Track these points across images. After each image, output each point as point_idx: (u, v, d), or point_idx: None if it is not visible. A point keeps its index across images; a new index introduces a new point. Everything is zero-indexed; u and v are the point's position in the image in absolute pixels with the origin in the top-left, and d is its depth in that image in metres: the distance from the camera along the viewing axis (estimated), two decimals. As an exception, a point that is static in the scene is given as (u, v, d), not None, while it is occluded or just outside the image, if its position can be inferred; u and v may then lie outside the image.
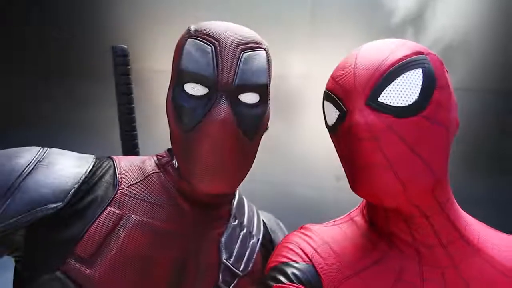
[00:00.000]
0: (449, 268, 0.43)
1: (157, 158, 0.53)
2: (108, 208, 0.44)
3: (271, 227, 0.62)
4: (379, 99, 0.38)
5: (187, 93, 0.44)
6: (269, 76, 0.49)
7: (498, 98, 1.94)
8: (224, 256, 0.50)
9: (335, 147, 0.47)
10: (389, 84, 0.38)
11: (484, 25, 1.90)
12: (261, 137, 0.51)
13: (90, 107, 2.30)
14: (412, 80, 0.38)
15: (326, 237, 0.48)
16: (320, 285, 0.44)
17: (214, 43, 0.44)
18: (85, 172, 0.46)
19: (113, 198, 0.45)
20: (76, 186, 0.44)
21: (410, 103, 0.37)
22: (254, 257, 0.54)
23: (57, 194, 0.42)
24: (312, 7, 2.02)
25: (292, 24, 2.05)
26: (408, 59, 0.39)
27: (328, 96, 0.44)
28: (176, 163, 0.50)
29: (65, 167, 0.45)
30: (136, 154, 0.67)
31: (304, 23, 2.03)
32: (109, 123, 2.31)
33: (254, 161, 0.51)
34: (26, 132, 2.31)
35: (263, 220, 0.62)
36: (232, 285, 0.50)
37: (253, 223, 0.58)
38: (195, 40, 0.45)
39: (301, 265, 0.45)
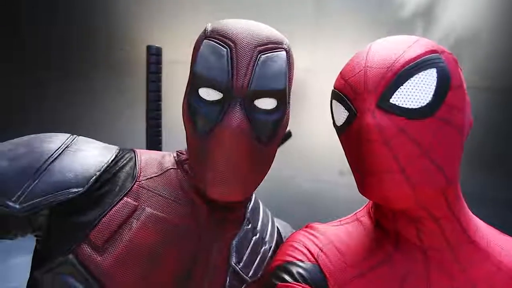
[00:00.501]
0: (456, 271, 0.42)
1: (177, 155, 0.53)
2: (125, 198, 0.45)
3: (285, 236, 0.60)
4: (391, 101, 0.36)
5: (201, 98, 0.43)
6: (290, 77, 0.47)
7: (505, 95, 1.91)
8: (233, 260, 0.49)
9: (343, 147, 0.46)
10: (402, 85, 0.36)
11: (495, 21, 1.86)
12: (279, 142, 0.50)
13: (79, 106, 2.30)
14: (425, 81, 0.36)
15: (332, 236, 0.48)
16: (325, 285, 0.43)
17: (230, 45, 0.42)
18: (108, 162, 0.47)
19: (131, 189, 0.46)
20: (98, 173, 0.45)
21: (423, 104, 0.36)
22: (264, 264, 0.52)
23: (79, 179, 0.43)
24: (317, 1, 1.99)
25: (296, 17, 2.02)
26: (422, 58, 0.37)
27: (337, 95, 0.42)
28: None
29: (90, 155, 0.46)
30: (159, 150, 0.71)
31: (309, 16, 2.01)
32: (95, 121, 2.31)
33: None
34: (26, 124, 2.32)
35: (277, 227, 0.60)
36: None
37: (267, 229, 0.57)
38: (211, 41, 0.43)
39: (306, 264, 0.45)
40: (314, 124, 2.12)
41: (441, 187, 0.37)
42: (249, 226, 0.53)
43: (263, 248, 0.54)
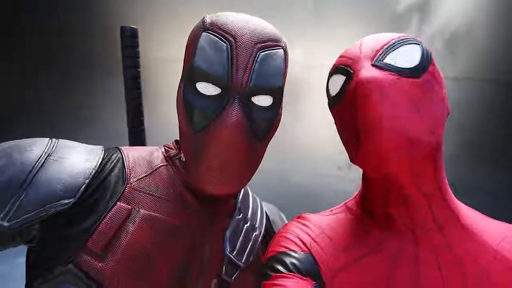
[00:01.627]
0: (444, 251, 0.44)
1: (165, 150, 0.53)
2: (118, 203, 0.44)
3: (273, 220, 0.63)
4: (384, 60, 0.41)
5: (199, 92, 0.43)
6: (285, 75, 0.48)
7: (502, 87, 1.91)
8: (227, 249, 0.50)
9: (336, 122, 0.48)
10: (394, 50, 0.41)
11: (490, 15, 1.86)
12: (273, 136, 0.50)
13: (96, 97, 2.31)
14: (413, 50, 0.41)
15: (324, 226, 0.49)
16: (318, 274, 0.44)
17: (230, 40, 0.42)
18: (95, 167, 0.45)
19: (123, 192, 0.45)
20: (87, 181, 0.44)
21: (412, 65, 0.40)
22: (255, 250, 0.54)
23: (69, 190, 0.42)
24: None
25: (295, 12, 2.02)
26: (408, 36, 0.43)
27: (334, 70, 0.46)
28: (184, 157, 0.50)
29: (76, 161, 0.45)
30: (143, 141, 0.65)
31: (307, 11, 2.01)
32: (96, 112, 2.32)
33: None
34: (29, 122, 2.33)
35: (266, 213, 0.62)
36: (234, 276, 0.50)
37: (257, 216, 0.58)
38: (210, 35, 0.42)
39: (299, 254, 0.46)
40: (313, 119, 2.13)
41: (430, 145, 0.39)
42: (240, 216, 0.54)
43: (254, 234, 0.55)
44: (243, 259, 0.52)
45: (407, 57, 0.41)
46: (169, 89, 2.07)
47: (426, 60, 0.41)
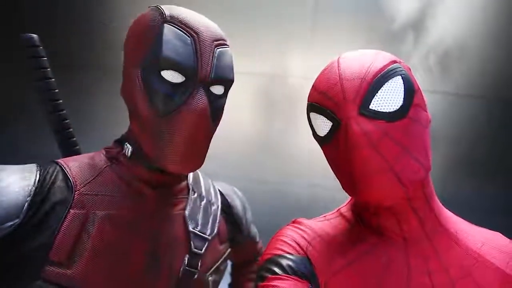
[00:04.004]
0: (433, 257, 0.45)
1: (106, 152, 0.54)
2: (71, 210, 0.45)
3: (226, 193, 0.68)
4: (370, 107, 0.41)
5: (164, 79, 0.45)
6: None
7: (492, 103, 1.97)
8: (191, 226, 0.55)
9: (326, 156, 0.48)
10: (377, 92, 0.41)
11: (483, 32, 1.93)
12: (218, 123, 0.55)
13: (78, 98, 2.31)
14: (395, 87, 0.41)
15: (318, 230, 0.51)
16: (314, 276, 0.46)
17: (193, 35, 0.46)
18: (34, 183, 0.45)
19: (73, 200, 0.46)
20: (28, 199, 0.43)
21: (398, 107, 0.41)
22: (217, 221, 0.60)
23: (10, 212, 0.41)
24: (312, 10, 2.04)
25: (292, 27, 2.07)
26: (388, 68, 0.42)
27: (316, 108, 0.45)
28: (129, 151, 0.51)
29: (11, 182, 0.43)
30: (77, 151, 0.61)
31: (305, 26, 2.06)
32: (95, 114, 2.32)
33: (252, 159, 0.57)
34: (29, 122, 2.32)
35: (218, 189, 0.67)
36: (204, 248, 0.55)
37: (211, 192, 0.63)
38: (172, 27, 0.45)
39: (295, 257, 0.47)
40: (308, 130, 2.16)
41: (422, 177, 0.41)
42: (195, 195, 0.59)
43: (213, 208, 0.61)
44: (208, 231, 0.57)
45: (392, 98, 0.40)
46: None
47: (409, 93, 0.41)
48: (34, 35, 0.54)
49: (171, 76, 0.45)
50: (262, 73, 2.13)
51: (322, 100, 0.44)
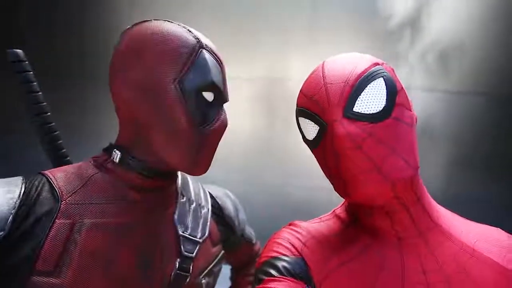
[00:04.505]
0: (427, 256, 0.46)
1: (94, 160, 0.55)
2: (56, 221, 0.46)
3: (217, 196, 0.69)
4: (354, 109, 0.42)
5: (204, 98, 0.51)
6: None
7: (492, 101, 1.96)
8: (180, 230, 0.56)
9: (317, 159, 0.49)
10: (360, 95, 0.42)
11: (480, 29, 1.93)
12: None
13: (73, 113, 2.33)
14: (378, 88, 0.42)
15: (314, 232, 0.51)
16: (309, 276, 0.46)
17: (222, 65, 0.55)
18: (19, 196, 0.46)
19: (59, 210, 0.46)
20: (13, 211, 0.44)
21: (381, 108, 0.41)
22: (208, 224, 0.61)
23: None
24: (309, 12, 2.05)
25: (291, 29, 2.08)
26: (369, 71, 0.43)
27: (304, 113, 0.47)
28: (117, 157, 0.52)
29: None
30: (68, 162, 0.62)
31: (303, 28, 2.07)
32: (89, 127, 2.34)
33: (252, 162, 0.59)
34: (21, 136, 2.34)
35: (209, 192, 0.69)
36: (195, 251, 0.56)
37: (200, 196, 0.65)
38: (210, 55, 0.52)
39: (291, 258, 0.47)
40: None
41: (410, 176, 0.41)
42: (184, 199, 0.61)
43: (203, 211, 0.62)
44: (199, 234, 0.58)
45: (374, 99, 0.42)
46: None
47: (391, 93, 0.42)
48: (19, 51, 0.56)
49: (208, 95, 0.51)
50: (261, 77, 2.14)
51: (308, 104, 0.46)
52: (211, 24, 2.14)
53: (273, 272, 0.46)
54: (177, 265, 0.54)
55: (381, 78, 0.43)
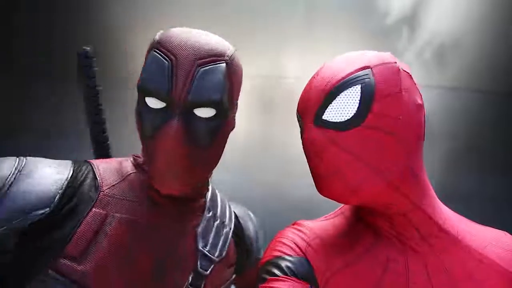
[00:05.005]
0: (431, 258, 0.45)
1: (134, 159, 0.57)
2: (93, 209, 0.47)
3: (241, 216, 0.68)
4: (323, 117, 0.43)
5: (148, 105, 0.47)
6: (232, 86, 0.50)
7: (488, 98, 1.97)
8: (200, 245, 0.55)
9: None
10: (330, 103, 0.42)
11: (478, 25, 1.93)
12: (223, 142, 0.53)
13: (70, 111, 2.32)
14: (350, 97, 0.42)
15: (318, 231, 0.51)
16: (313, 276, 0.46)
17: (171, 58, 0.45)
18: (67, 178, 0.48)
19: (97, 199, 0.48)
20: (60, 191, 0.46)
21: (349, 117, 0.41)
22: (227, 244, 0.59)
23: (43, 200, 0.44)
24: (306, 10, 2.05)
25: (286, 26, 2.07)
26: (349, 77, 0.42)
27: (296, 114, 0.50)
28: None
29: (47, 174, 0.47)
30: (109, 156, 0.67)
31: (299, 25, 2.06)
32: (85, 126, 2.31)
33: (249, 161, 0.57)
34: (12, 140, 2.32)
35: (234, 212, 0.67)
36: (209, 270, 0.55)
37: (226, 214, 0.63)
38: (155, 53, 0.46)
39: (294, 258, 0.47)
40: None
41: (380, 185, 0.41)
42: (210, 214, 0.59)
43: (225, 230, 0.60)
44: (217, 253, 0.56)
45: (344, 108, 0.41)
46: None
47: (366, 103, 0.41)
48: (89, 49, 0.62)
49: (153, 102, 0.46)
50: (258, 75, 2.14)
51: (298, 106, 0.48)
52: (207, 23, 2.12)
53: (276, 271, 0.46)
54: (190, 280, 0.53)
55: (359, 86, 0.41)
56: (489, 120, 1.99)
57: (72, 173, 0.49)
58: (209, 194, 0.62)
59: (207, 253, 0.55)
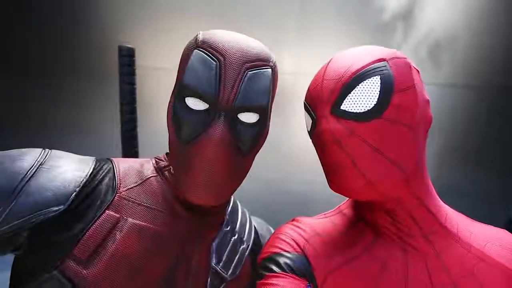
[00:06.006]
0: (431, 256, 0.45)
1: (156, 162, 0.54)
2: (107, 211, 0.45)
3: (261, 234, 0.64)
4: (341, 107, 0.41)
5: (188, 106, 0.44)
6: (273, 93, 0.50)
7: (483, 94, 1.99)
8: (213, 261, 0.51)
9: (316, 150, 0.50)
10: (350, 93, 0.41)
11: (473, 22, 1.94)
12: (258, 150, 0.51)
13: (85, 107, 2.29)
14: (370, 88, 0.41)
15: (317, 228, 0.50)
16: (311, 273, 0.45)
17: (220, 58, 0.43)
18: (86, 176, 0.46)
19: (112, 201, 0.46)
20: (77, 189, 0.45)
21: (369, 108, 0.41)
22: (242, 263, 0.55)
23: (59, 197, 0.43)
24: (301, 7, 2.04)
25: (282, 22, 2.06)
26: (367, 68, 0.42)
27: (304, 105, 0.48)
28: (172, 167, 0.50)
29: (67, 170, 0.46)
30: (135, 154, 0.67)
31: (294, 21, 2.05)
32: (104, 123, 2.31)
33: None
34: (18, 133, 2.29)
35: (254, 226, 0.63)
36: None
37: (245, 229, 0.59)
38: (201, 52, 0.44)
39: (293, 255, 0.47)
40: (304, 126, 2.16)
41: (398, 179, 0.41)
42: (228, 228, 0.56)
43: (242, 247, 0.56)
44: (230, 271, 0.52)
45: (364, 98, 0.41)
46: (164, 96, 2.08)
47: (386, 94, 0.41)
48: (132, 47, 0.65)
49: (194, 103, 0.43)
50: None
51: (307, 98, 0.46)
52: (202, 23, 2.11)
53: (274, 268, 0.46)
54: None
55: (378, 76, 0.41)
56: (483, 115, 2.00)
57: (92, 171, 0.48)
58: (229, 207, 0.58)
59: (219, 270, 0.51)
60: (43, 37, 2.27)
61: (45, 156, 0.46)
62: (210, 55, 0.43)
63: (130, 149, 0.65)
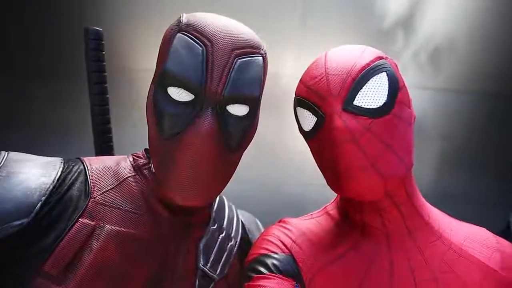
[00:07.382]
0: (415, 253, 0.46)
1: (133, 159, 0.49)
2: (80, 219, 0.40)
3: (249, 228, 0.61)
4: (354, 103, 0.40)
5: (170, 97, 0.39)
6: (263, 84, 0.45)
7: (483, 99, 1.99)
8: (201, 262, 0.48)
9: (312, 152, 0.48)
10: (361, 88, 0.40)
11: (473, 28, 1.95)
12: (247, 146, 0.47)
13: (66, 107, 2.30)
14: (380, 83, 0.41)
15: (304, 229, 0.51)
16: (299, 274, 0.46)
17: (207, 44, 0.38)
18: (53, 181, 0.41)
19: (85, 208, 0.41)
20: (43, 198, 0.39)
21: (381, 104, 0.40)
22: (230, 260, 0.52)
23: (21, 209, 0.37)
24: (303, 11, 2.05)
25: (282, 24, 2.07)
26: (374, 64, 0.41)
27: (302, 103, 0.45)
28: (154, 167, 0.46)
29: (29, 176, 0.39)
30: (110, 148, 0.58)
31: (294, 25, 2.06)
32: (84, 123, 2.31)
33: (244, 160, 0.48)
34: (18, 133, 2.30)
35: (242, 221, 0.60)
36: None
37: (233, 225, 0.56)
38: (185, 36, 0.39)
39: (280, 256, 0.47)
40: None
41: (403, 174, 0.41)
42: (215, 226, 0.52)
43: (229, 244, 0.53)
44: (218, 271, 0.50)
45: (376, 94, 0.40)
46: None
47: (393, 89, 0.41)
48: (100, 29, 0.56)
49: (177, 93, 0.39)
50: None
51: (308, 94, 0.44)
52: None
53: (262, 269, 0.46)
54: None
55: (385, 73, 0.41)
56: (482, 121, 2.00)
57: (60, 175, 0.42)
58: (215, 204, 0.54)
59: (207, 271, 0.48)
60: (43, 37, 2.28)
61: (1, 162, 0.40)
62: (196, 39, 0.38)
63: (105, 150, 0.57)
